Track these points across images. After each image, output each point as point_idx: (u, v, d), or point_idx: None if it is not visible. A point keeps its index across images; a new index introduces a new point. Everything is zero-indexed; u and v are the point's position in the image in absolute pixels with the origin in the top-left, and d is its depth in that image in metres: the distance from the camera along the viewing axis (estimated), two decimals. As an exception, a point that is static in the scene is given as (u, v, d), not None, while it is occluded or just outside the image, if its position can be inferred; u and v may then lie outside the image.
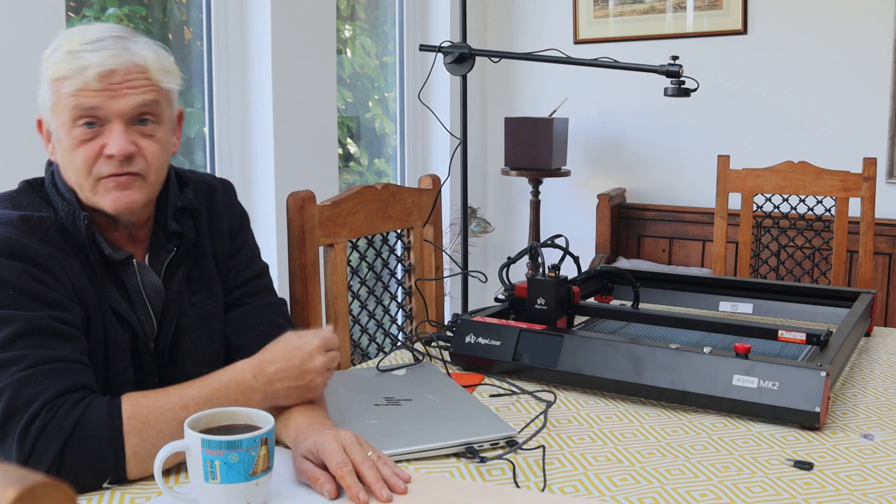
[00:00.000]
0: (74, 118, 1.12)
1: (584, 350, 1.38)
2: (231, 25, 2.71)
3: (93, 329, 1.12)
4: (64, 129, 1.13)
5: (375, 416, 1.22)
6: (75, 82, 1.11)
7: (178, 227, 1.24)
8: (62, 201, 1.15)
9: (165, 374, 1.22)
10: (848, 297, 1.78)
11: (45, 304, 1.06)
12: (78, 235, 1.13)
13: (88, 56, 1.11)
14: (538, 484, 1.05)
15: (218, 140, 2.71)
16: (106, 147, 1.13)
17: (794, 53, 3.44)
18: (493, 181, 4.13)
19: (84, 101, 1.11)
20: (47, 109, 1.15)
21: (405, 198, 1.85)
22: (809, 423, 1.22)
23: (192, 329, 1.24)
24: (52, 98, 1.13)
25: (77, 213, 1.13)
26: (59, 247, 1.11)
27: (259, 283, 1.35)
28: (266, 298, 1.35)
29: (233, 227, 1.34)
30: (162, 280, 1.22)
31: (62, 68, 1.12)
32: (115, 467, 1.01)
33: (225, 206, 1.34)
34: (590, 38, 3.79)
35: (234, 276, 1.33)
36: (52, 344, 1.04)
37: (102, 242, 1.15)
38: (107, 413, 1.02)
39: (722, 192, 2.48)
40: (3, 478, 0.40)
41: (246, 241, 1.36)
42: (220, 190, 1.35)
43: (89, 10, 2.42)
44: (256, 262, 1.36)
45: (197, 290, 1.26)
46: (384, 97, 3.66)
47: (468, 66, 2.08)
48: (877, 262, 3.27)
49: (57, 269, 1.09)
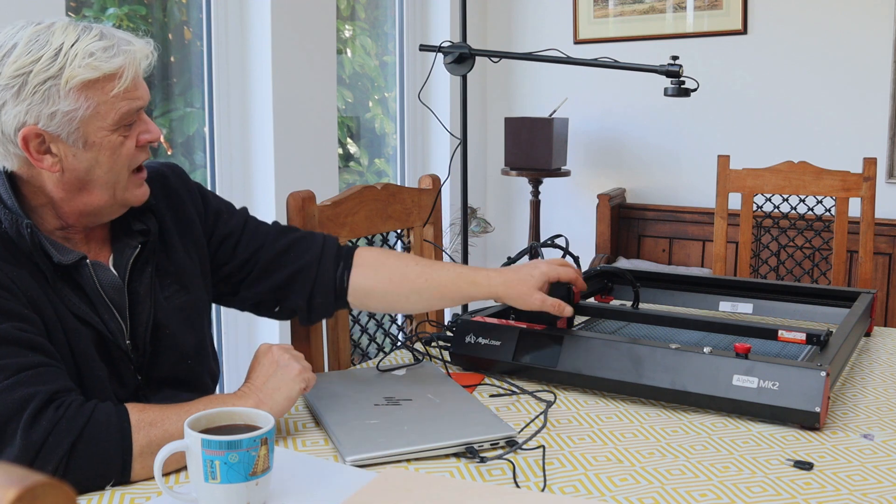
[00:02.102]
0: (126, 118, 1.12)
1: (584, 350, 1.38)
2: (231, 25, 2.71)
3: (54, 336, 1.09)
4: (105, 132, 1.11)
5: (375, 416, 1.22)
6: (125, 80, 1.10)
7: (143, 225, 1.23)
8: (4, 210, 1.10)
9: (148, 370, 1.22)
10: (848, 297, 1.78)
11: (6, 317, 1.03)
12: (23, 243, 1.09)
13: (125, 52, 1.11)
14: (538, 484, 1.05)
15: (218, 140, 2.71)
16: (142, 136, 1.15)
17: (794, 53, 3.44)
18: (493, 181, 4.13)
19: (138, 100, 1.13)
20: (75, 119, 1.08)
21: (405, 198, 1.85)
22: (809, 423, 1.22)
23: (171, 322, 1.24)
24: (86, 104, 1.08)
25: (21, 220, 1.09)
26: (4, 259, 1.07)
27: (252, 223, 1.39)
28: (268, 228, 1.39)
29: (198, 207, 1.34)
30: (130, 278, 1.20)
31: (104, 67, 1.08)
32: (121, 469, 1.01)
33: (184, 191, 1.33)
34: (590, 38, 3.79)
35: (230, 237, 1.35)
36: (25, 352, 1.02)
37: (49, 248, 1.11)
38: (116, 415, 1.02)
39: (722, 192, 2.48)
40: (3, 478, 0.40)
41: (218, 209, 1.37)
42: (172, 175, 1.33)
43: (89, 10, 2.42)
44: (236, 214, 1.39)
45: (168, 283, 1.26)
46: (384, 97, 3.66)
47: (468, 66, 2.08)
48: (877, 262, 3.27)
49: (6, 282, 1.05)
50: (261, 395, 1.14)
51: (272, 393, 1.14)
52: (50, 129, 1.08)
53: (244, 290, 1.37)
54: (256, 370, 1.18)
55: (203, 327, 1.32)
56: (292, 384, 1.15)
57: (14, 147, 1.09)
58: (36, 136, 1.08)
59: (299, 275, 1.36)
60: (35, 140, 1.09)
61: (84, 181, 1.13)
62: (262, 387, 1.15)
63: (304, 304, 1.37)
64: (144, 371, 1.21)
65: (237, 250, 1.36)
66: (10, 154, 1.11)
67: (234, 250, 1.36)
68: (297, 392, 1.16)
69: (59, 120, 1.07)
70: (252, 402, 1.12)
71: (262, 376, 1.17)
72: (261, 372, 1.17)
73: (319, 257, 1.37)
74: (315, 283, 1.36)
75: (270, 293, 1.37)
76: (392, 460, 1.09)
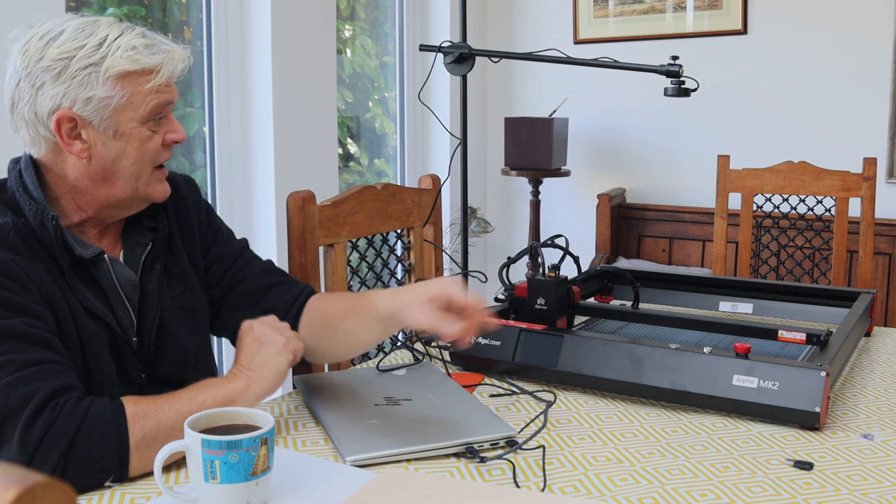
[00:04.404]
0: (157, 111, 1.15)
1: (584, 350, 1.38)
2: (231, 25, 2.71)
3: (65, 331, 1.10)
4: (135, 123, 1.14)
5: (375, 415, 1.22)
6: (161, 77, 1.14)
7: (153, 222, 1.25)
8: (30, 201, 1.12)
9: (152, 369, 1.22)
10: (848, 297, 1.78)
11: (16, 312, 1.04)
12: (45, 236, 1.11)
13: (165, 52, 1.15)
14: (538, 484, 1.05)
15: (218, 140, 2.71)
16: (169, 134, 1.18)
17: (794, 53, 3.44)
18: (493, 181, 4.13)
19: (170, 95, 1.17)
20: (109, 107, 1.12)
21: (405, 198, 1.85)
22: (809, 423, 1.22)
23: (175, 322, 1.25)
24: (122, 93, 1.12)
25: (45, 212, 1.11)
26: (20, 252, 1.08)
27: (247, 254, 1.40)
28: (260, 264, 1.40)
29: (201, 221, 1.36)
30: (140, 275, 1.22)
31: (144, 61, 1.12)
32: (119, 464, 1.01)
33: (192, 203, 1.35)
34: (590, 38, 3.79)
35: (222, 261, 1.36)
36: (32, 349, 1.03)
37: (72, 242, 1.13)
38: (111, 410, 1.02)
39: (722, 192, 2.48)
40: (3, 478, 0.40)
41: (219, 228, 1.39)
42: (183, 185, 1.35)
43: (88, 9, 2.42)
44: (234, 241, 1.41)
45: (174, 283, 1.27)
46: (384, 97, 3.66)
47: (468, 66, 2.08)
48: (877, 262, 3.27)
49: (21, 276, 1.06)
50: (250, 374, 1.13)
51: (260, 369, 1.14)
52: (84, 113, 1.11)
53: (222, 315, 1.37)
54: (242, 350, 1.18)
55: (205, 330, 1.32)
56: (279, 357, 1.15)
57: (45, 130, 1.12)
58: (69, 119, 1.11)
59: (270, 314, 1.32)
60: (68, 124, 1.12)
61: (110, 171, 1.15)
62: (250, 365, 1.15)
63: None
64: (148, 369, 1.22)
65: (226, 276, 1.36)
66: (40, 137, 1.13)
67: (224, 275, 1.36)
68: (286, 364, 1.16)
69: (93, 106, 1.11)
70: (242, 383, 1.12)
71: (248, 355, 1.16)
72: (246, 351, 1.17)
73: (291, 304, 1.36)
74: None
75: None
76: (392, 460, 1.09)
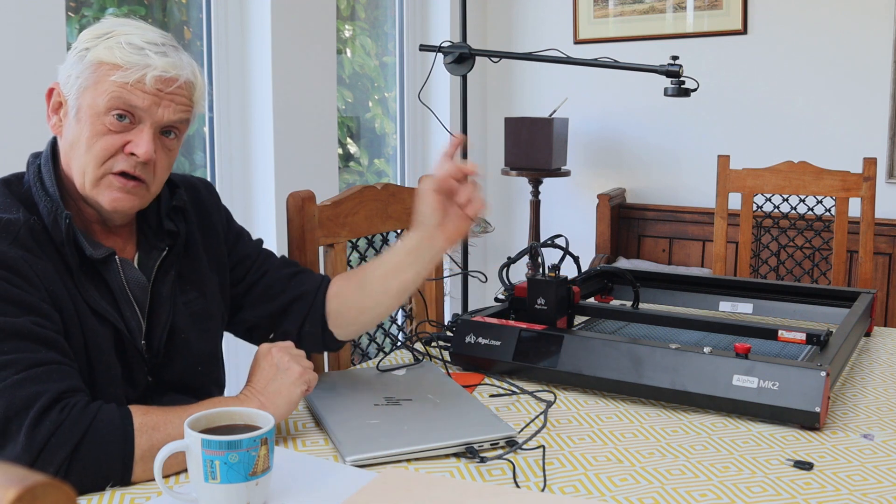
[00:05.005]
0: (112, 107, 1.12)
1: (584, 350, 1.38)
2: (231, 25, 2.71)
3: (71, 331, 1.09)
4: (93, 112, 1.13)
5: (375, 416, 1.22)
6: (131, 75, 1.12)
7: (173, 226, 1.25)
8: (45, 198, 1.12)
9: (159, 373, 1.22)
10: (848, 297, 1.78)
11: (24, 310, 1.04)
12: (57, 234, 1.11)
13: (153, 56, 1.13)
14: (538, 484, 1.05)
15: (218, 140, 2.71)
16: (131, 145, 1.14)
17: (794, 53, 3.44)
18: (493, 181, 4.13)
19: (131, 98, 1.12)
20: (78, 87, 1.13)
21: (405, 198, 1.85)
22: (809, 423, 1.22)
23: (187, 327, 1.24)
24: (91, 78, 1.12)
25: (59, 211, 1.11)
26: (29, 249, 1.08)
27: (265, 251, 1.44)
28: (278, 259, 1.43)
29: (223, 224, 1.38)
30: (154, 279, 1.22)
31: (119, 56, 1.12)
32: (122, 472, 1.01)
33: (212, 206, 1.36)
34: (590, 38, 3.79)
35: (245, 260, 1.39)
36: (39, 348, 1.03)
37: (83, 241, 1.13)
38: (119, 418, 1.02)
39: (722, 192, 2.48)
40: (3, 478, 0.40)
41: (240, 230, 1.42)
42: (203, 189, 1.37)
43: (88, 9, 2.42)
44: (252, 241, 1.44)
45: (188, 288, 1.27)
46: (384, 97, 3.66)
47: (468, 66, 2.08)
48: (877, 262, 3.27)
49: (29, 274, 1.06)
50: (262, 399, 1.14)
51: (273, 397, 1.14)
52: (64, 90, 1.16)
53: (245, 311, 1.38)
54: (257, 373, 1.18)
55: (217, 337, 1.32)
56: (293, 388, 1.15)
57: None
58: (52, 91, 1.17)
59: (296, 302, 1.37)
60: (53, 97, 1.17)
61: (69, 156, 1.16)
62: (264, 390, 1.15)
63: (295, 332, 1.37)
64: (156, 373, 1.22)
65: (248, 274, 1.39)
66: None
67: (246, 273, 1.39)
68: (299, 395, 1.16)
69: (71, 83, 1.14)
70: (254, 407, 1.11)
71: (262, 379, 1.16)
72: (261, 375, 1.17)
73: (317, 290, 1.38)
74: (308, 313, 1.37)
75: (268, 318, 1.38)
76: (392, 460, 1.09)
